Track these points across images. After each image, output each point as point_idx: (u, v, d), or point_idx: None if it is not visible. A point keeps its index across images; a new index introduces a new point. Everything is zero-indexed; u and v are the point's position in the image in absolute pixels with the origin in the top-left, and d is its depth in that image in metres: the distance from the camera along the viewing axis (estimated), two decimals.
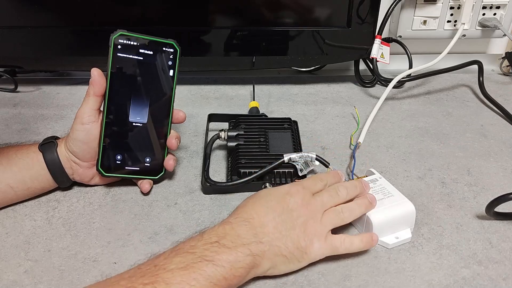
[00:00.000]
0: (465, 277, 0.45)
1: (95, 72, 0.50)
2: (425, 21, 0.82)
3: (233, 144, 0.59)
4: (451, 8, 0.81)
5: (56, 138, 0.55)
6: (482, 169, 0.60)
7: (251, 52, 0.76)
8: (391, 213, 0.48)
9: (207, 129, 0.66)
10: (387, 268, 0.46)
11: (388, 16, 0.79)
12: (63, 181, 0.53)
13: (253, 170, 0.55)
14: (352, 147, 0.64)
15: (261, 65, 0.77)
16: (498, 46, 0.90)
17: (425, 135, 0.68)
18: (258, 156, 0.57)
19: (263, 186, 0.54)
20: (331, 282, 0.44)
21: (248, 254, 0.41)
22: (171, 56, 0.52)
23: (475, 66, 0.79)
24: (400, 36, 0.83)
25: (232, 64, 0.78)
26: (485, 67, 0.80)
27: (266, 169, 0.54)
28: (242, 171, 0.55)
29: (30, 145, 0.54)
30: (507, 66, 0.88)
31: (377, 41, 0.78)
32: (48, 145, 0.53)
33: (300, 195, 0.46)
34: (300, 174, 0.55)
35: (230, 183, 0.54)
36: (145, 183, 0.55)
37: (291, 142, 0.60)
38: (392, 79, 0.75)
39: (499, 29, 0.81)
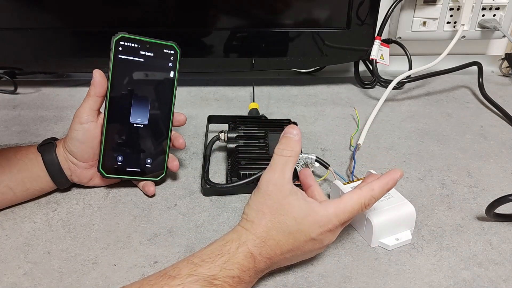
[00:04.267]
0: (465, 279, 0.45)
1: (97, 73, 0.51)
2: (424, 22, 0.82)
3: (233, 145, 0.59)
4: (451, 9, 0.81)
5: (55, 139, 0.55)
6: (482, 171, 0.60)
7: (251, 54, 0.76)
8: (391, 215, 0.48)
9: (207, 131, 0.66)
10: (387, 270, 0.46)
11: (388, 17, 0.80)
12: (61, 182, 0.53)
13: (253, 172, 0.55)
14: (352, 148, 0.64)
15: (260, 66, 0.77)
16: (498, 47, 0.90)
17: (425, 137, 0.68)
18: (258, 158, 0.57)
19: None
20: (331, 284, 0.44)
21: (259, 277, 0.42)
22: (171, 58, 0.52)
23: (475, 67, 0.79)
24: (400, 37, 0.83)
25: (232, 65, 0.78)
26: (484, 68, 0.80)
27: None
28: (242, 172, 0.55)
29: (29, 147, 0.54)
30: (507, 67, 0.88)
31: (377, 42, 0.78)
32: (47, 146, 0.53)
33: (323, 239, 0.42)
34: None
35: (230, 185, 0.54)
36: (150, 186, 0.55)
37: None
38: (392, 80, 0.75)
39: (498, 30, 0.81)
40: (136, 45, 0.51)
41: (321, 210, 0.42)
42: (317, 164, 0.56)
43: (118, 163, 0.53)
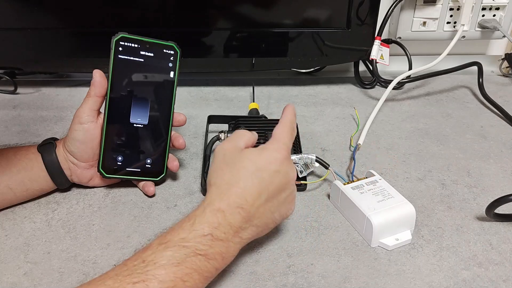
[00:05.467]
0: (465, 279, 0.45)
1: (97, 74, 0.51)
2: (424, 23, 0.82)
3: None
4: (451, 9, 0.81)
5: (55, 139, 0.55)
6: (482, 171, 0.60)
7: (251, 54, 0.76)
8: (391, 215, 0.48)
9: (207, 131, 0.66)
10: (387, 270, 0.46)
11: (388, 18, 0.80)
12: (61, 183, 0.53)
13: None
14: (352, 148, 0.64)
15: (261, 66, 0.77)
16: (498, 47, 0.90)
17: (425, 137, 0.68)
18: None
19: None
20: (331, 284, 0.44)
21: (239, 242, 0.41)
22: (171, 58, 0.52)
23: (475, 67, 0.79)
24: (400, 38, 0.83)
25: (232, 65, 0.78)
26: (484, 68, 0.80)
27: None
28: None
29: (29, 147, 0.54)
30: (507, 67, 0.88)
31: (377, 42, 0.78)
32: (47, 146, 0.53)
33: (286, 170, 0.44)
34: (300, 176, 0.55)
35: None
36: (149, 186, 0.55)
37: None
38: (392, 80, 0.75)
39: (498, 30, 0.81)
40: (136, 45, 0.51)
41: (268, 145, 0.45)
42: (317, 164, 0.56)
43: (118, 163, 0.53)
